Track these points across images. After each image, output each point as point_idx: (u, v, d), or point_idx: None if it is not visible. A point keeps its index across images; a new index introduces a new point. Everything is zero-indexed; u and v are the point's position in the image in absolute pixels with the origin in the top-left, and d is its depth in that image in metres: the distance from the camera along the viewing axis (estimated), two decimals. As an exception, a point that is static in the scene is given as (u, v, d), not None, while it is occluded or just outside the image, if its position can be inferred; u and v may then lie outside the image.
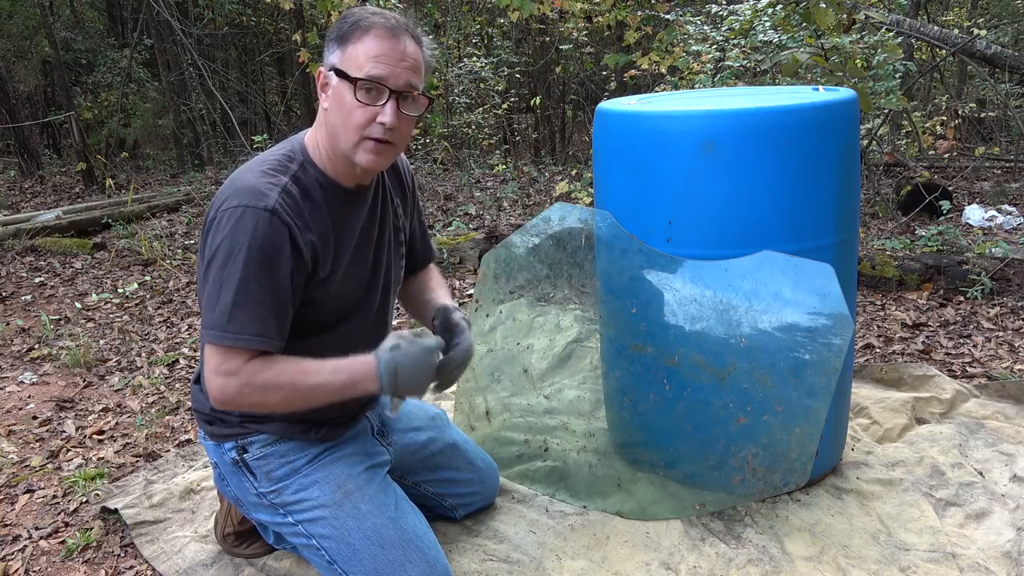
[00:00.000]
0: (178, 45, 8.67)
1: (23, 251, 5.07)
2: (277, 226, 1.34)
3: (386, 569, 1.50)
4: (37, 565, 1.89)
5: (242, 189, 1.35)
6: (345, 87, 1.36)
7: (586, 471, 2.02)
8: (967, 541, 1.76)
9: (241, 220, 1.32)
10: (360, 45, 1.36)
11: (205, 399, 1.56)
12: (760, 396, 1.67)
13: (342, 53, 1.37)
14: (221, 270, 1.33)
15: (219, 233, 1.33)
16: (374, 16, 1.37)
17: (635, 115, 1.79)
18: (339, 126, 1.39)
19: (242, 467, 1.56)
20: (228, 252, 1.32)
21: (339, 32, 1.38)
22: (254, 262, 1.32)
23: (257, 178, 1.37)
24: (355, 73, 1.35)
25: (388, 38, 1.36)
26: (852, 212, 1.83)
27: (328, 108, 1.41)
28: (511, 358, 2.16)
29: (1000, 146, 6.79)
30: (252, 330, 1.33)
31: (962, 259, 3.44)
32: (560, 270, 2.06)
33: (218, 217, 1.35)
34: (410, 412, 1.84)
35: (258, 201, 1.33)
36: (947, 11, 9.50)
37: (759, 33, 4.14)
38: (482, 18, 7.97)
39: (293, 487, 1.54)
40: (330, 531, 1.52)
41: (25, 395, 2.91)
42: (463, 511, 1.88)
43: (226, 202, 1.35)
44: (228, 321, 1.32)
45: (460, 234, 4.49)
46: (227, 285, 1.32)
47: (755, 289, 1.63)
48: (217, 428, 1.56)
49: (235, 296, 1.32)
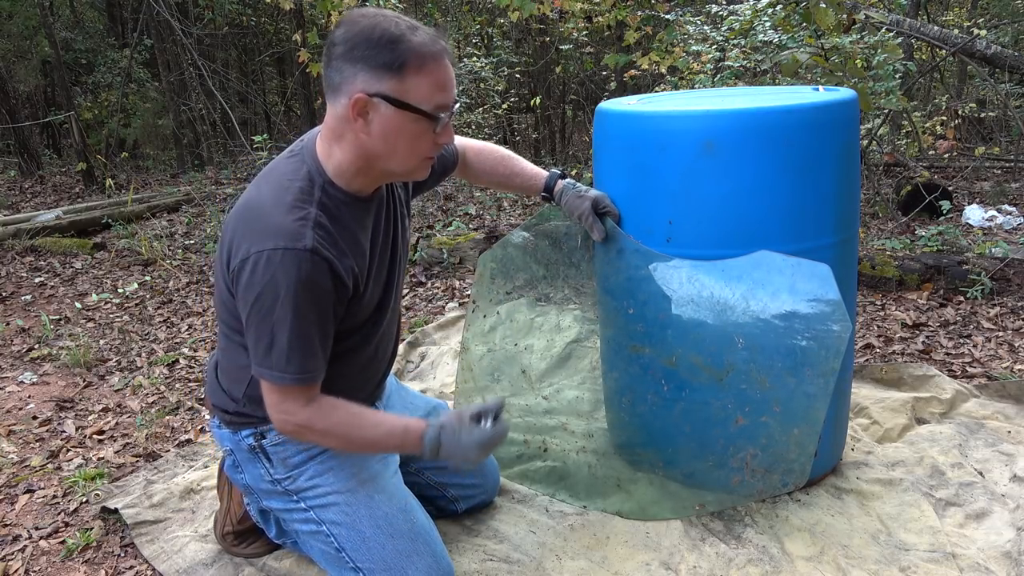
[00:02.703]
0: (178, 45, 8.67)
1: (23, 251, 5.07)
2: (318, 263, 1.33)
3: (394, 559, 1.51)
4: (37, 565, 1.89)
5: (274, 229, 1.32)
6: (407, 118, 1.32)
7: (586, 471, 2.02)
8: (967, 541, 1.76)
9: (281, 263, 1.31)
10: (423, 76, 1.30)
11: (225, 395, 1.58)
12: (758, 397, 1.67)
13: (399, 83, 1.29)
14: (270, 313, 1.33)
15: (257, 276, 1.32)
16: (419, 36, 1.30)
17: (635, 115, 1.79)
18: (393, 153, 1.36)
19: (259, 453, 1.57)
20: (275, 295, 1.32)
21: (388, 59, 1.28)
22: (303, 303, 1.33)
23: (286, 215, 1.34)
24: (425, 107, 1.32)
25: (444, 62, 1.33)
26: (852, 212, 1.83)
27: (372, 135, 1.34)
28: (510, 358, 2.16)
29: (1000, 146, 6.79)
30: (307, 368, 1.38)
31: (962, 259, 3.44)
32: (557, 270, 2.06)
33: (251, 258, 1.32)
34: (412, 402, 1.87)
35: (295, 242, 1.31)
36: (947, 11, 9.50)
37: (759, 33, 4.14)
38: (482, 18, 7.97)
39: (308, 473, 1.56)
40: (341, 517, 1.53)
41: (25, 395, 2.91)
42: (464, 504, 1.89)
43: (257, 243, 1.32)
44: (286, 363, 1.36)
45: (460, 234, 4.49)
46: (279, 327, 1.34)
47: (753, 289, 1.63)
48: (235, 417, 1.58)
49: (289, 338, 1.34)
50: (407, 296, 3.81)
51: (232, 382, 1.56)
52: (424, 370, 2.89)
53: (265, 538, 1.82)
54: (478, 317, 2.09)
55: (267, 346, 1.36)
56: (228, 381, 1.57)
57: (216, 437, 1.66)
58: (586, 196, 1.80)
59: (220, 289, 1.45)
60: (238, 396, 1.55)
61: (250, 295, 1.34)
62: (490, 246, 2.97)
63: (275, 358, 1.36)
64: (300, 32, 6.66)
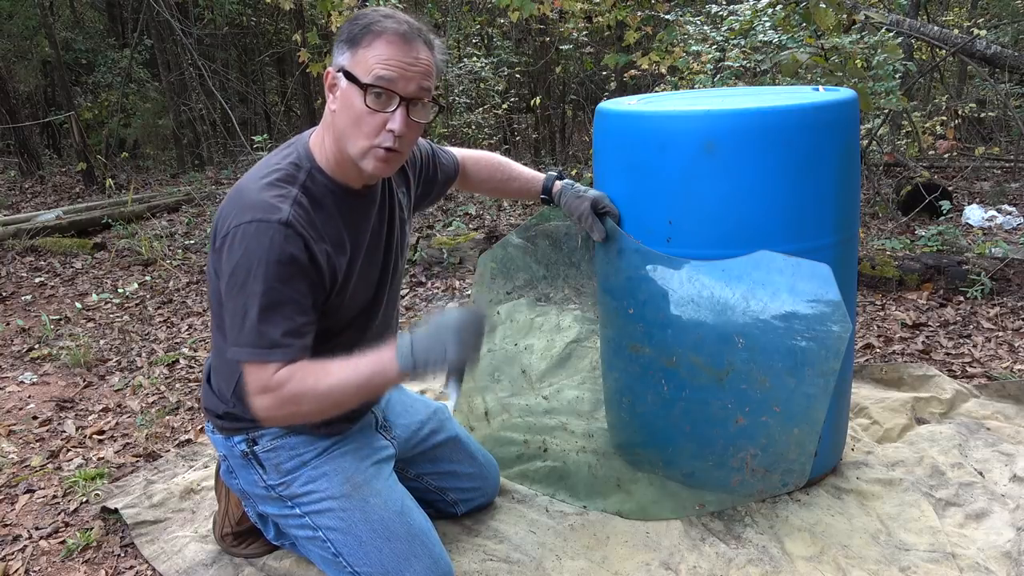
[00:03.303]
0: (178, 45, 8.67)
1: (23, 251, 5.07)
2: (292, 238, 1.32)
3: (392, 562, 1.51)
4: (37, 565, 1.89)
5: (253, 204, 1.33)
6: (354, 91, 1.34)
7: (586, 471, 2.02)
8: (967, 541, 1.76)
9: (256, 235, 1.30)
10: (371, 49, 1.33)
11: (215, 397, 1.57)
12: (758, 397, 1.67)
13: (352, 56, 1.34)
14: (243, 287, 1.32)
15: (234, 251, 1.32)
16: (387, 20, 1.34)
17: (635, 115, 1.79)
18: (347, 130, 1.37)
19: (252, 459, 1.57)
20: (247, 269, 1.31)
21: (350, 34, 1.35)
22: (273, 275, 1.31)
23: (266, 191, 1.35)
24: (365, 78, 1.33)
25: (400, 43, 1.34)
26: (852, 212, 1.83)
27: (336, 110, 1.38)
28: (510, 358, 2.16)
29: (1000, 146, 6.78)
30: (280, 342, 1.33)
31: (962, 259, 3.44)
32: (557, 270, 2.06)
33: (230, 234, 1.33)
34: (412, 405, 1.86)
35: (271, 214, 1.31)
36: (947, 11, 9.50)
37: (759, 33, 4.14)
38: (482, 18, 7.97)
39: (302, 479, 1.55)
40: (337, 523, 1.52)
41: (25, 395, 2.91)
42: (464, 507, 1.89)
43: (236, 217, 1.33)
44: (259, 336, 1.32)
45: (460, 234, 4.49)
46: (251, 302, 1.32)
47: (753, 289, 1.63)
48: (227, 422, 1.57)
49: (260, 312, 1.32)
50: (407, 296, 3.81)
51: (223, 379, 1.55)
52: (424, 370, 2.89)
53: (264, 538, 1.82)
54: (478, 317, 2.09)
55: (240, 321, 1.33)
56: (219, 379, 1.56)
57: (212, 440, 1.66)
58: (585, 197, 1.80)
59: (211, 281, 1.44)
60: (227, 395, 1.55)
61: (227, 269, 1.34)
62: (490, 246, 2.97)
63: (247, 332, 1.32)
64: (300, 32, 6.65)
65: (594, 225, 1.80)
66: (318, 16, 7.48)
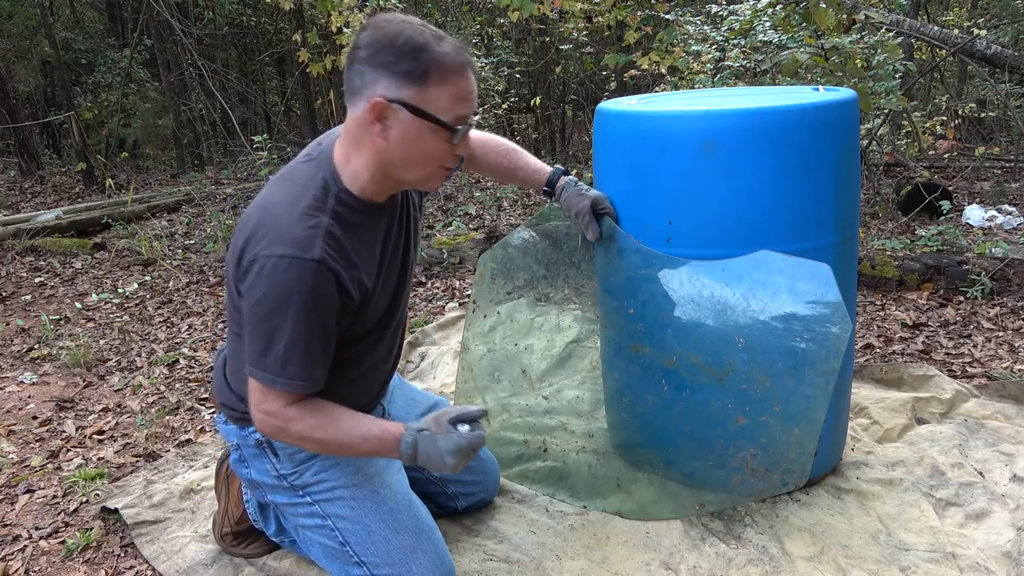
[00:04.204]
0: (178, 45, 8.67)
1: (23, 251, 5.07)
2: (324, 274, 1.33)
3: (398, 553, 1.52)
4: (37, 565, 1.89)
5: (284, 236, 1.32)
6: (424, 126, 1.32)
7: (586, 471, 2.02)
8: (967, 541, 1.76)
9: (288, 270, 1.31)
10: (444, 86, 1.30)
11: (233, 394, 1.58)
12: (759, 396, 1.67)
13: (419, 92, 1.29)
14: (270, 318, 1.33)
15: (263, 280, 1.32)
16: (443, 46, 1.30)
17: (635, 115, 1.79)
18: (408, 161, 1.36)
19: (266, 448, 1.58)
20: (276, 304, 1.32)
21: (410, 67, 1.28)
22: (305, 313, 1.33)
23: (297, 222, 1.33)
24: (445, 117, 1.32)
25: (467, 73, 1.33)
26: (852, 212, 1.83)
27: (390, 141, 1.34)
28: (510, 358, 2.16)
29: (1000, 146, 6.78)
30: (301, 376, 1.37)
31: (962, 259, 3.44)
32: (557, 270, 2.06)
33: (258, 261, 1.32)
34: (413, 398, 1.88)
35: (304, 251, 1.31)
36: (947, 11, 9.50)
37: (759, 33, 4.14)
38: (482, 18, 7.97)
39: (314, 468, 1.57)
40: (347, 511, 1.54)
41: (25, 395, 2.91)
42: (464, 501, 1.89)
43: (267, 247, 1.32)
44: (280, 368, 1.36)
45: (460, 234, 4.49)
46: (279, 334, 1.34)
47: (753, 289, 1.63)
48: (244, 415, 1.58)
49: (287, 346, 1.34)
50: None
51: (242, 382, 1.55)
52: (424, 370, 2.89)
53: (264, 538, 1.83)
54: (478, 317, 2.09)
55: (262, 349, 1.36)
56: (237, 381, 1.56)
57: (221, 432, 1.66)
58: (586, 195, 1.81)
59: (230, 289, 1.45)
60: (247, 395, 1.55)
61: (253, 296, 1.34)
62: (490, 246, 2.98)
63: (269, 362, 1.36)
64: (300, 32, 6.66)
65: (590, 224, 1.80)
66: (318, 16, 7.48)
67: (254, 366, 1.38)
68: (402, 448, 1.42)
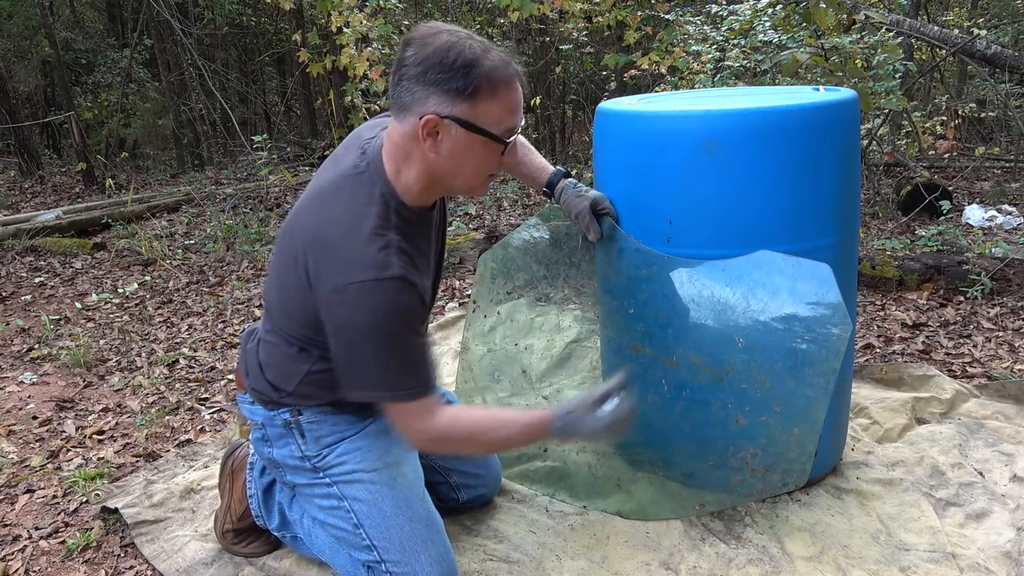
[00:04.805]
0: (178, 45, 8.67)
1: (23, 251, 5.07)
2: (408, 288, 1.37)
3: (410, 541, 1.55)
4: (37, 565, 1.89)
5: (362, 261, 1.35)
6: (476, 140, 1.36)
7: (585, 471, 2.02)
8: (967, 541, 1.76)
9: (374, 293, 1.34)
10: (495, 101, 1.34)
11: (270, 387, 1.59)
12: (758, 396, 1.67)
13: (472, 107, 1.33)
14: (370, 340, 1.37)
15: (354, 306, 1.35)
16: (491, 59, 1.32)
17: (635, 115, 1.79)
18: (460, 171, 1.40)
19: (294, 428, 1.60)
20: (374, 325, 1.36)
21: (462, 84, 1.31)
22: (400, 326, 1.38)
23: (369, 244, 1.36)
24: (495, 129, 1.36)
25: (516, 85, 1.36)
26: (852, 212, 1.83)
27: (440, 155, 1.37)
28: (510, 358, 2.16)
29: (1000, 146, 6.78)
30: (423, 379, 1.43)
31: (962, 259, 3.44)
32: (557, 270, 2.06)
33: (341, 290, 1.35)
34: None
35: (383, 271, 1.35)
36: (947, 11, 9.50)
37: (759, 33, 4.14)
38: (482, 18, 7.97)
39: (338, 451, 1.60)
40: (365, 494, 1.57)
41: (25, 395, 2.91)
42: (466, 494, 1.90)
43: (346, 273, 1.35)
44: (401, 380, 1.41)
45: (460, 234, 4.49)
46: (384, 353, 1.39)
47: (753, 289, 1.63)
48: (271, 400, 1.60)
49: (404, 362, 1.40)
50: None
51: (282, 379, 1.58)
52: (424, 370, 2.89)
53: (264, 537, 1.83)
54: (478, 317, 2.09)
55: (380, 371, 1.40)
56: (277, 377, 1.58)
57: (245, 412, 1.68)
58: (585, 196, 1.81)
59: (291, 301, 1.47)
60: (287, 389, 1.57)
61: (347, 326, 1.38)
62: (490, 246, 2.98)
63: (391, 380, 1.41)
64: (300, 32, 6.66)
65: (591, 225, 1.81)
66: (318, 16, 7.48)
67: (379, 389, 1.42)
68: (554, 431, 1.49)
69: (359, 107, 5.39)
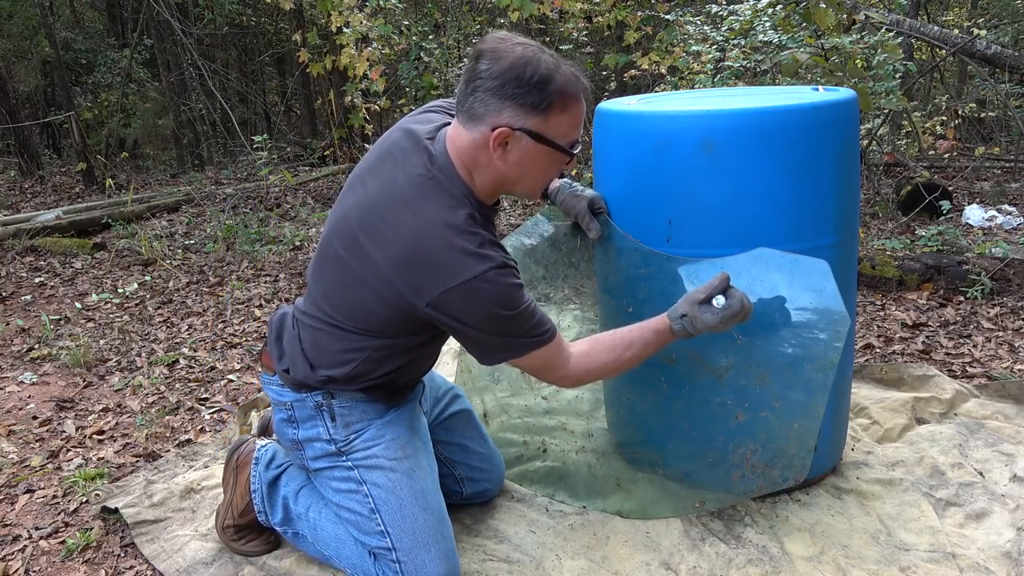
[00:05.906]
0: (178, 45, 8.68)
1: (23, 251, 5.07)
2: (512, 270, 1.46)
3: (422, 532, 1.58)
4: (37, 565, 1.89)
5: (470, 260, 1.40)
6: (543, 151, 1.43)
7: (585, 471, 2.02)
8: (967, 541, 1.76)
9: (492, 281, 1.41)
10: (566, 115, 1.41)
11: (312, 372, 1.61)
12: (758, 393, 1.67)
13: (544, 120, 1.39)
14: (499, 321, 1.45)
15: (475, 301, 1.42)
16: (563, 74, 1.39)
17: (635, 115, 1.79)
18: (527, 179, 1.48)
19: (325, 410, 1.64)
20: (500, 308, 1.44)
21: (536, 99, 1.38)
22: (520, 297, 1.46)
23: (468, 244, 1.41)
24: (562, 141, 1.43)
25: (582, 101, 1.43)
26: (852, 212, 1.83)
27: (508, 163, 1.44)
28: (511, 358, 2.16)
29: (1000, 146, 6.79)
30: (549, 324, 1.52)
31: (962, 259, 3.45)
32: (556, 270, 2.06)
33: (459, 292, 1.40)
34: (432, 379, 1.94)
35: (487, 263, 1.41)
36: (947, 11, 9.50)
37: (759, 33, 4.14)
38: (482, 18, 7.97)
39: (364, 436, 1.64)
40: (384, 481, 1.60)
41: (25, 395, 2.91)
42: (470, 487, 1.91)
43: (457, 274, 1.40)
44: (537, 329, 1.50)
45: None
46: (521, 321, 1.47)
47: (751, 286, 1.63)
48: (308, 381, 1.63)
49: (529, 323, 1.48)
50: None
51: (335, 366, 1.59)
52: (424, 370, 2.89)
53: (264, 537, 1.83)
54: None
55: (519, 338, 1.48)
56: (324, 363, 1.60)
57: (272, 393, 1.69)
58: (582, 196, 1.83)
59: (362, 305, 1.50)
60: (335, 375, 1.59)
61: (474, 315, 1.43)
62: (490, 246, 2.97)
63: (530, 340, 1.49)
64: (300, 32, 6.66)
65: (590, 224, 1.83)
66: (318, 16, 7.48)
67: (525, 348, 1.49)
68: (676, 334, 1.57)
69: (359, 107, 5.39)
